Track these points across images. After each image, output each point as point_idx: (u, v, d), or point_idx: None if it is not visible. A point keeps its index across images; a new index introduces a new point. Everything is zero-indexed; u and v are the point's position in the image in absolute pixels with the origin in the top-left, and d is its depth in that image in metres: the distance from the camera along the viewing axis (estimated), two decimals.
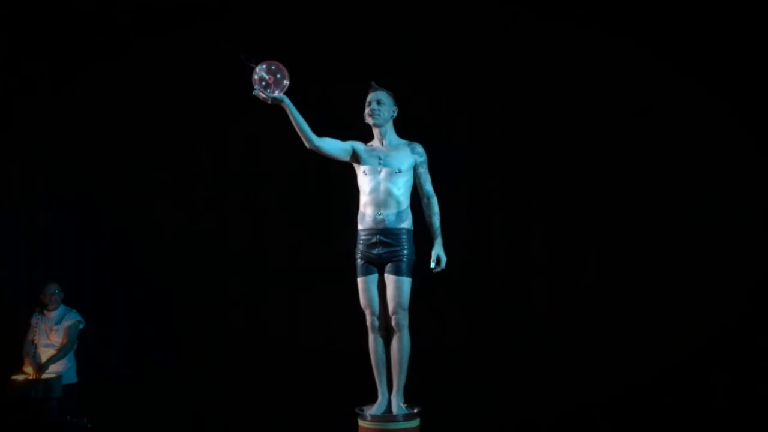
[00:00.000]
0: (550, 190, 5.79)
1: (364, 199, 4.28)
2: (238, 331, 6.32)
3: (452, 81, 5.95)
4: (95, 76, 6.35)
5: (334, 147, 4.27)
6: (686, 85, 5.49)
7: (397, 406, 4.23)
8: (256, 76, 3.99)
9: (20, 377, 5.46)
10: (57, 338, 5.69)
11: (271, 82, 4.00)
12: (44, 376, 5.46)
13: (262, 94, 3.99)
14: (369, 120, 4.31)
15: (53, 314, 5.74)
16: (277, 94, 4.00)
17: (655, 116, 5.54)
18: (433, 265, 4.26)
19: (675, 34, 5.53)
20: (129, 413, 5.90)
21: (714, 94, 5.44)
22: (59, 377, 5.51)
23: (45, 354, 5.61)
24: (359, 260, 4.30)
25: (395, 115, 4.34)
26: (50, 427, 5.26)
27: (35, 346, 5.67)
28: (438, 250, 4.28)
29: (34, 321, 5.73)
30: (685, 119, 5.51)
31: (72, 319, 5.73)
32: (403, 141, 4.33)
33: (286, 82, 4.03)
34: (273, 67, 4.00)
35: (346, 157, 4.33)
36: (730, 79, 5.42)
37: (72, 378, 5.73)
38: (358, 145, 4.33)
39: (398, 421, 4.16)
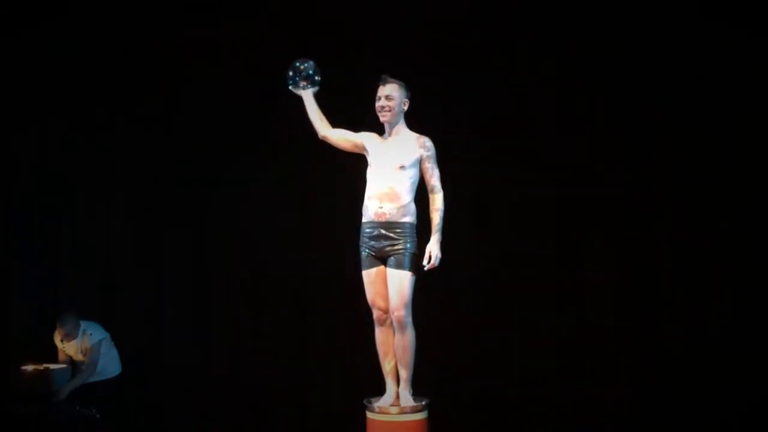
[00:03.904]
0: (554, 186, 5.80)
1: (368, 192, 4.29)
2: (242, 327, 6.33)
3: (454, 77, 5.94)
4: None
5: (341, 139, 4.44)
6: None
7: (405, 397, 4.25)
8: (299, 69, 4.46)
9: (29, 368, 5.47)
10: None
11: (306, 76, 4.46)
12: (53, 367, 5.47)
13: (300, 88, 4.46)
14: (379, 116, 4.32)
15: (75, 342, 5.72)
16: (306, 88, 4.46)
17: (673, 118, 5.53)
18: (425, 261, 4.20)
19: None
20: (136, 407, 5.93)
21: None
22: (68, 368, 5.53)
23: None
24: (363, 253, 4.31)
25: (406, 107, 4.32)
26: (59, 417, 5.28)
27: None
28: (432, 246, 4.18)
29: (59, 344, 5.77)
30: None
31: (91, 341, 5.69)
32: (412, 134, 4.31)
33: (318, 78, 4.48)
34: (312, 68, 4.47)
35: (354, 149, 4.42)
36: None
37: (116, 370, 5.81)
38: (369, 139, 4.36)
39: (406, 413, 4.17)
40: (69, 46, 6.29)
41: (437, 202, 4.27)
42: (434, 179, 4.28)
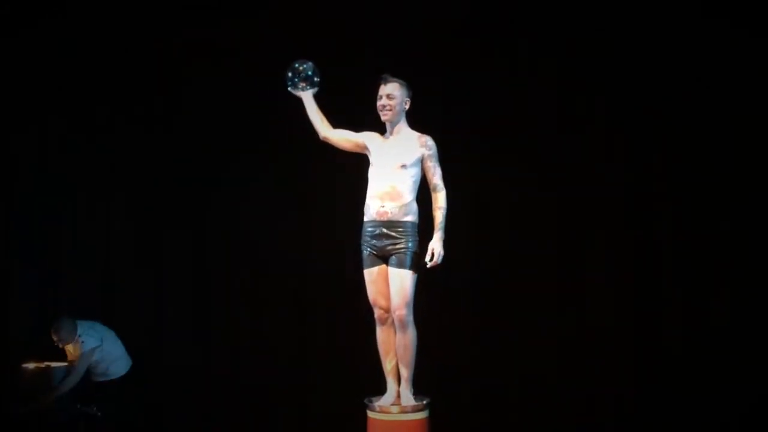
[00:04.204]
0: (555, 186, 5.80)
1: (370, 191, 4.28)
2: (242, 327, 6.32)
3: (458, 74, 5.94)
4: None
5: (342, 139, 4.44)
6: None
7: (406, 397, 4.24)
8: (298, 70, 4.45)
9: (31, 366, 5.44)
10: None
11: (305, 77, 4.44)
12: (54, 365, 5.44)
13: (299, 89, 4.46)
14: (380, 116, 4.31)
15: (69, 347, 5.66)
16: (305, 89, 4.46)
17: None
18: (428, 258, 4.18)
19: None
20: (136, 406, 5.92)
21: None
22: (69, 366, 5.51)
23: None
24: (364, 252, 4.30)
25: (407, 106, 4.32)
26: (60, 415, 5.26)
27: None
28: (435, 244, 4.18)
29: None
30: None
31: (82, 348, 5.56)
32: (414, 133, 4.30)
33: (317, 79, 4.47)
34: (311, 69, 4.46)
35: (356, 149, 4.42)
36: None
37: (122, 370, 5.73)
38: (370, 139, 4.36)
39: (407, 412, 4.16)
40: (69, 46, 6.29)
41: (440, 200, 4.26)
42: (436, 178, 4.27)
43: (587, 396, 5.59)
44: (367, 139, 4.37)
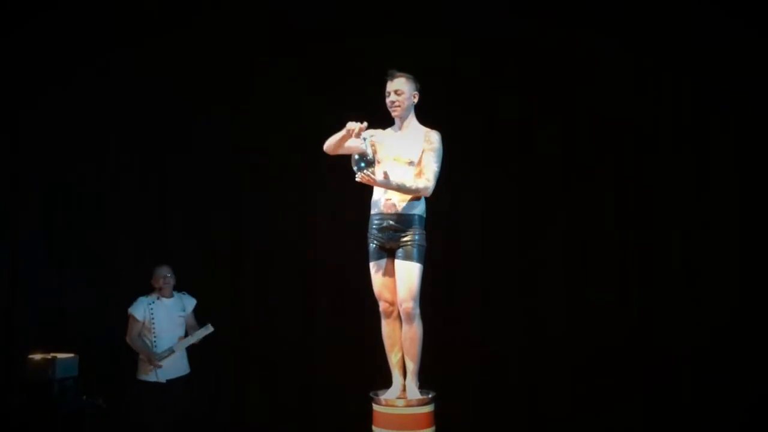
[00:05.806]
0: (555, 186, 5.84)
1: None
2: (244, 323, 6.33)
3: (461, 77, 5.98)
4: None
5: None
6: None
7: (412, 390, 4.23)
8: (357, 155, 4.01)
9: (37, 356, 5.38)
10: (182, 324, 5.69)
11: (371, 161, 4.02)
12: (60, 356, 5.39)
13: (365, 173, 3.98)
14: (390, 112, 4.29)
15: (172, 300, 5.68)
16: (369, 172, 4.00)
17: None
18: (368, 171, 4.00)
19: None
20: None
21: None
22: (76, 357, 5.46)
23: (170, 340, 5.60)
24: (371, 245, 4.29)
25: (416, 100, 4.29)
26: (66, 407, 5.23)
27: (154, 336, 5.61)
28: (382, 176, 4.04)
29: (147, 312, 5.62)
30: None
31: (193, 303, 5.72)
32: (422, 129, 4.28)
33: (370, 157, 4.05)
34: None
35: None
36: None
37: (187, 368, 5.72)
38: (377, 139, 4.27)
39: (413, 406, 4.15)
40: (68, 46, 6.29)
41: (419, 182, 4.14)
42: (427, 170, 4.15)
43: (588, 391, 5.61)
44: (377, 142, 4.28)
